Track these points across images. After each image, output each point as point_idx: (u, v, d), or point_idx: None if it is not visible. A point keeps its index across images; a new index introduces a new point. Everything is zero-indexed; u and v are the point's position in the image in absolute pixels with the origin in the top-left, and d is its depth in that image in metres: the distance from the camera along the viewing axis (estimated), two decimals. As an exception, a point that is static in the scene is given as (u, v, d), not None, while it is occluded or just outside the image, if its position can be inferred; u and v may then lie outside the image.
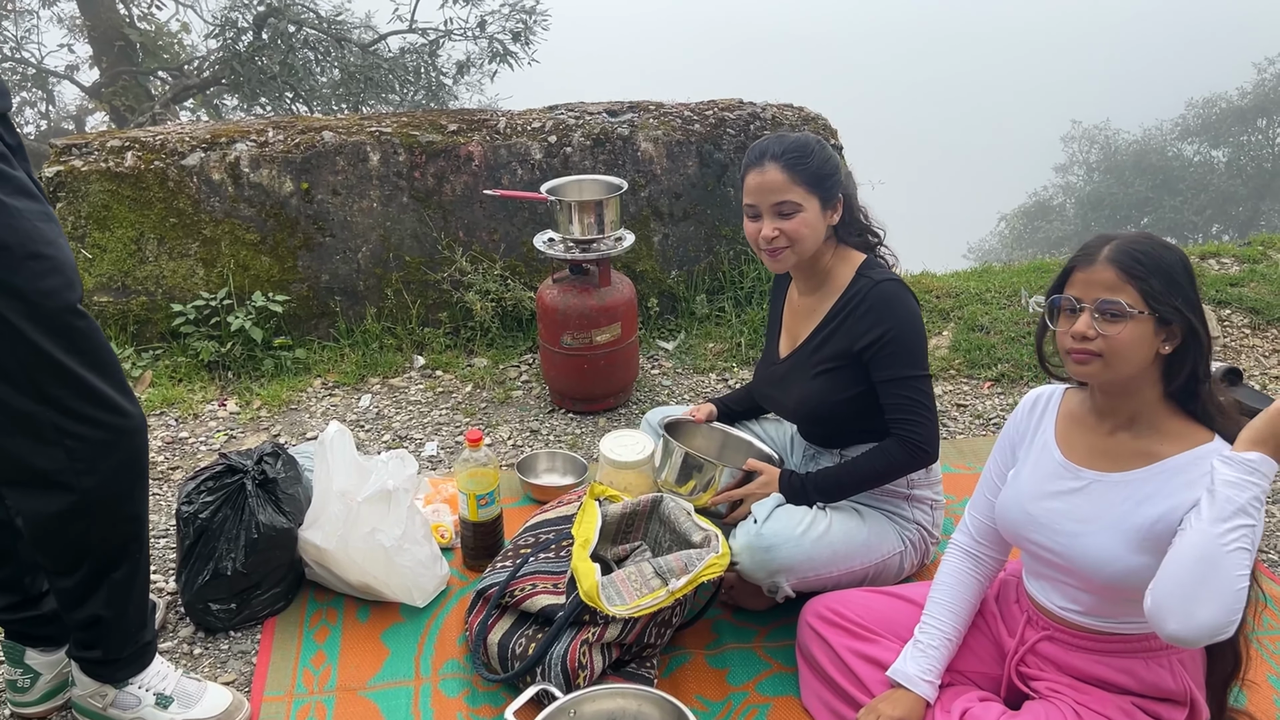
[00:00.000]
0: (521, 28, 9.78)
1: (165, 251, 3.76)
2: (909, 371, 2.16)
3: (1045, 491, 1.78)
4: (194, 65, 10.86)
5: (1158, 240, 1.64)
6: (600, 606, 2.03)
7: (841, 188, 2.23)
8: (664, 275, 4.10)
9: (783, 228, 2.18)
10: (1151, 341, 1.60)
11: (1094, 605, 1.74)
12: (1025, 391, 3.57)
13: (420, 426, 3.43)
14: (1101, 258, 1.61)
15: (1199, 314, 1.62)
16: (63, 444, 1.75)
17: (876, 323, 2.16)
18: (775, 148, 2.18)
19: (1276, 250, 4.82)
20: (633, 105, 4.22)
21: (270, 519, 2.40)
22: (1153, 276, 1.58)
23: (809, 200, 2.17)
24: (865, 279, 2.22)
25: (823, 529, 2.21)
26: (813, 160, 2.16)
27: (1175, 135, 23.82)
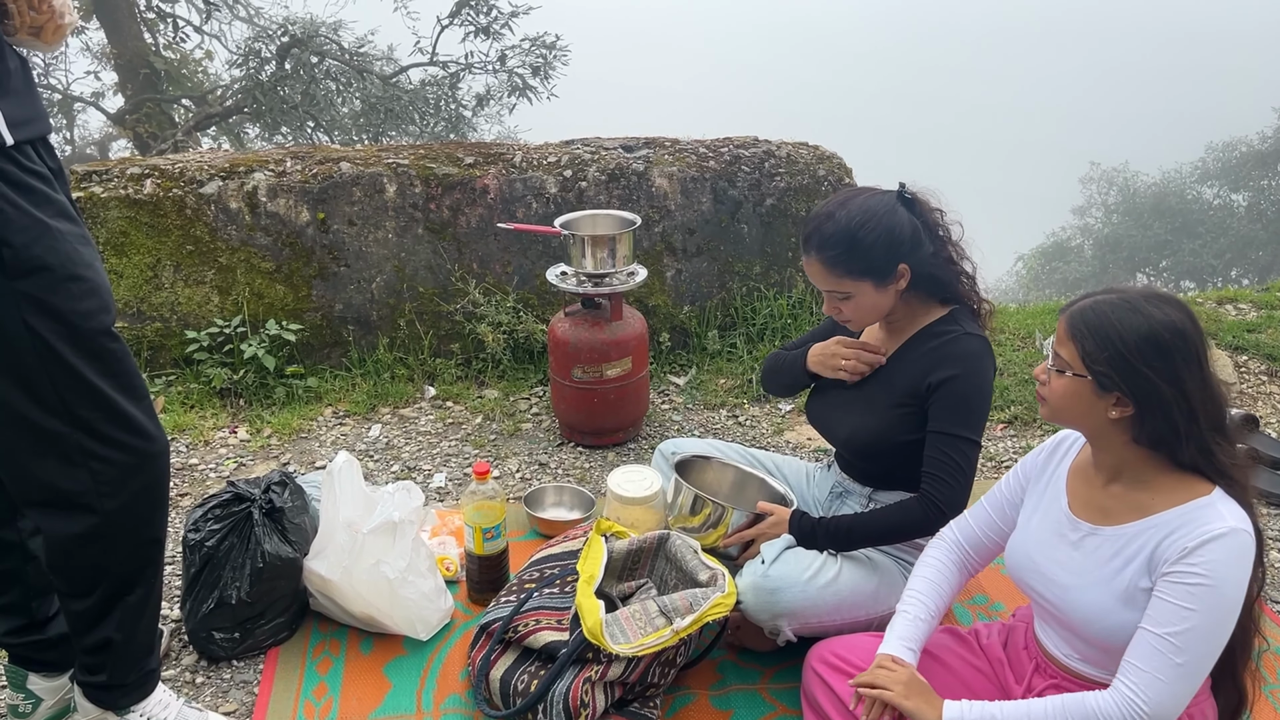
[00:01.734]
0: (541, 63, 9.89)
1: (181, 278, 3.78)
2: (960, 431, 2.08)
3: (1048, 540, 1.78)
4: (217, 94, 11.00)
5: (1134, 305, 1.61)
6: (604, 644, 2.01)
7: (902, 258, 2.10)
8: (676, 310, 4.10)
9: (840, 308, 2.17)
10: (1092, 400, 1.62)
11: (1097, 657, 1.72)
12: (1038, 435, 3.56)
13: (429, 457, 3.43)
14: (1069, 311, 1.66)
15: (1169, 382, 1.57)
16: (88, 466, 1.77)
17: (951, 364, 2.10)
18: (816, 238, 2.11)
19: (1294, 296, 4.79)
20: (648, 141, 4.24)
21: (276, 548, 2.40)
22: (1091, 340, 1.60)
23: (858, 286, 2.11)
24: (955, 325, 2.16)
25: (830, 576, 2.18)
26: (854, 251, 2.07)
27: (1195, 178, 23.78)
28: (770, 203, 4.15)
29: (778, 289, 4.19)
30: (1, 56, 1.61)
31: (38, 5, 1.70)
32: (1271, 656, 2.38)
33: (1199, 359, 1.60)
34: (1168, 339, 1.57)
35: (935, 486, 2.08)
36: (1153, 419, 1.60)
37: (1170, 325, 1.58)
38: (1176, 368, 1.57)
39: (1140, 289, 1.67)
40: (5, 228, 1.59)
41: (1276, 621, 2.56)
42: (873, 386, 2.26)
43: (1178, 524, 1.59)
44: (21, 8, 1.69)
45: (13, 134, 1.60)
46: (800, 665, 2.16)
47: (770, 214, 4.15)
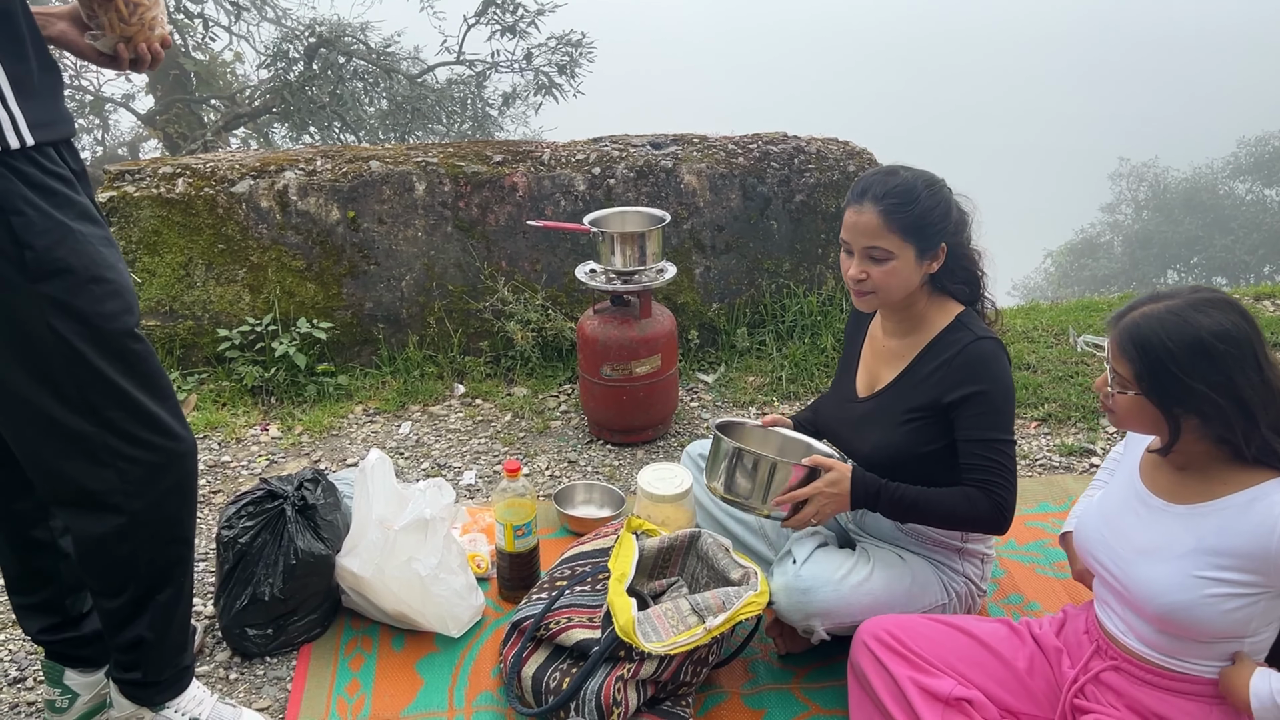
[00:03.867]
0: (567, 60, 9.90)
1: (213, 277, 3.81)
2: (996, 435, 2.04)
3: (1118, 513, 1.78)
4: (246, 94, 11.08)
5: (1182, 315, 1.59)
6: (636, 643, 2.00)
7: (947, 235, 2.08)
8: (705, 307, 4.09)
9: (870, 271, 2.07)
10: (1156, 414, 1.62)
11: (1155, 639, 1.70)
12: (1072, 432, 3.52)
13: (459, 455, 3.43)
14: (1118, 326, 1.66)
15: (1225, 393, 1.56)
16: (115, 466, 1.77)
17: (971, 379, 2.04)
18: (877, 188, 2.04)
19: (1333, 293, 4.72)
20: (676, 138, 4.23)
21: (309, 545, 2.41)
22: (1142, 360, 1.60)
23: (903, 249, 2.04)
24: (965, 331, 2.10)
25: (863, 575, 2.15)
26: (915, 208, 2.02)
27: (1227, 173, 23.50)
28: (800, 199, 4.13)
29: (807, 286, 4.17)
30: (25, 58, 1.61)
31: (127, 16, 1.73)
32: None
33: (1256, 360, 1.58)
34: (1218, 348, 1.56)
35: (997, 490, 2.02)
36: (1213, 425, 1.60)
37: (1220, 332, 1.56)
38: (1230, 374, 1.56)
39: (1188, 293, 1.64)
40: (27, 230, 1.60)
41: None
42: (888, 400, 2.20)
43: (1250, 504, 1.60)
44: (113, 19, 1.72)
45: (34, 135, 1.61)
46: (833, 665, 2.14)
47: (800, 210, 4.13)
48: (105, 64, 1.82)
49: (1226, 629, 1.62)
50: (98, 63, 1.83)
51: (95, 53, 1.79)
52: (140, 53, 1.79)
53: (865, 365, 2.31)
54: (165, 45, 1.84)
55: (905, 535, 2.26)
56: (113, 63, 1.80)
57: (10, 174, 1.58)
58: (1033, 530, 2.90)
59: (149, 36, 1.78)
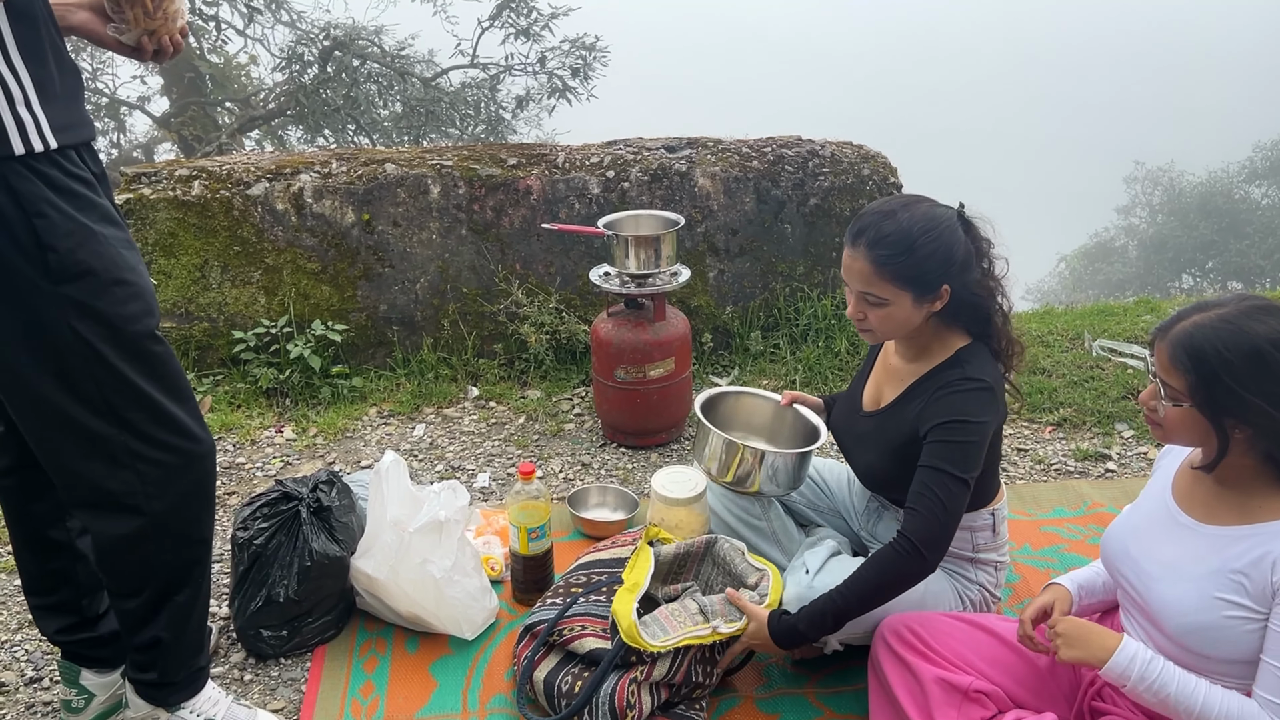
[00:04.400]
0: (581, 64, 9.92)
1: (228, 279, 3.82)
2: (949, 469, 1.94)
3: (1147, 529, 1.75)
4: (260, 97, 11.13)
5: (1237, 324, 1.55)
6: (641, 644, 2.00)
7: (949, 278, 1.98)
8: (719, 311, 4.09)
9: (867, 314, 2.03)
10: (1205, 427, 1.58)
11: (1177, 654, 1.68)
12: (1087, 436, 3.51)
13: (473, 457, 3.44)
14: (1168, 337, 1.60)
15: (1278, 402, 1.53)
16: (135, 467, 1.79)
17: (948, 412, 1.98)
18: (871, 233, 1.96)
19: (1350, 297, 4.69)
20: (691, 141, 4.23)
21: (324, 547, 2.41)
22: (1197, 372, 1.55)
23: (899, 296, 1.97)
24: (958, 369, 2.04)
25: None
26: (908, 258, 1.94)
27: (1242, 178, 23.38)
28: (814, 202, 4.12)
29: (821, 289, 4.16)
30: (45, 61, 1.63)
31: (152, 11, 1.75)
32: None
33: None
34: (1276, 355, 1.52)
35: (913, 521, 1.94)
36: (1266, 439, 1.56)
37: (1277, 339, 1.53)
38: None
39: (1237, 300, 1.60)
40: (50, 233, 1.61)
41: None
42: (884, 421, 2.17)
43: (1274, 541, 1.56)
44: (138, 14, 1.75)
45: (57, 139, 1.62)
46: (849, 670, 2.14)
47: (814, 214, 4.12)
48: (127, 54, 1.84)
49: (1246, 650, 1.59)
50: (119, 52, 1.85)
51: (117, 43, 1.81)
52: (163, 45, 1.81)
53: (875, 378, 2.29)
54: (184, 34, 1.87)
55: None
56: (135, 54, 1.83)
57: (33, 176, 1.60)
58: (1048, 535, 2.88)
59: (171, 29, 1.80)
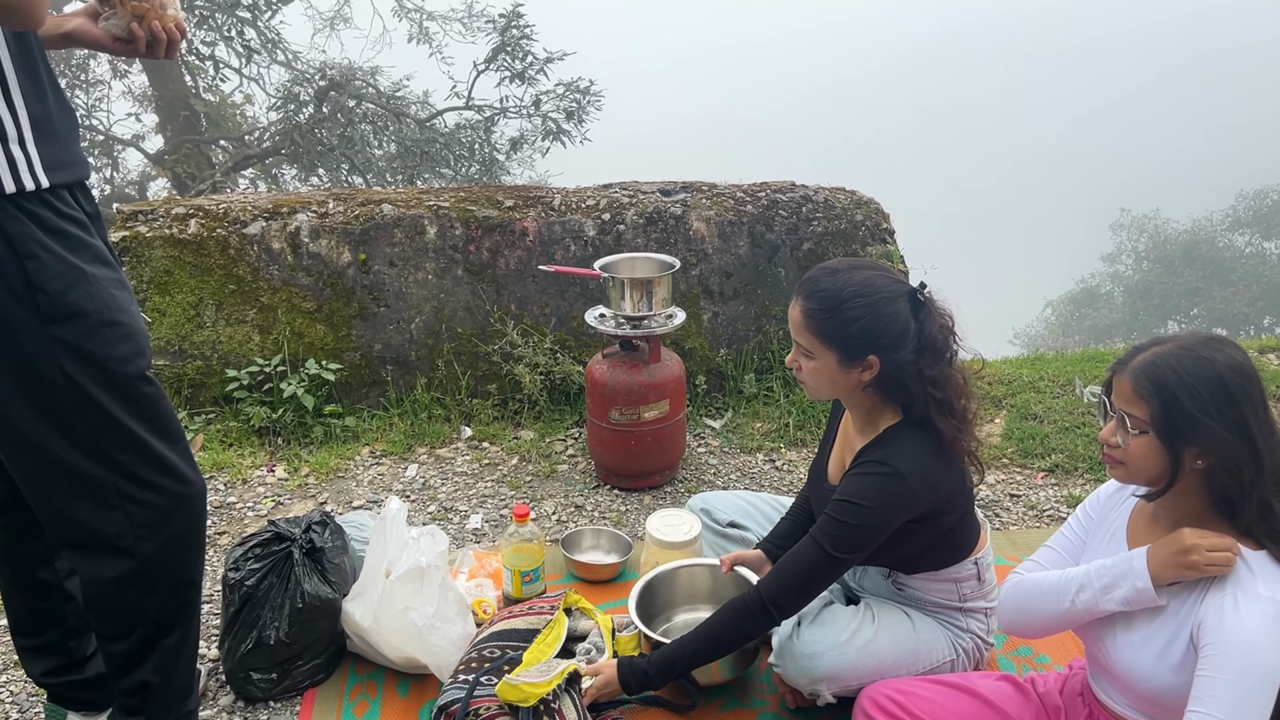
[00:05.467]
0: (575, 107, 10.01)
1: (223, 317, 3.82)
2: (824, 544, 1.97)
3: None
4: (255, 135, 11.18)
5: (1196, 352, 1.57)
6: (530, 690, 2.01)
7: (879, 350, 1.97)
8: (713, 353, 4.10)
9: (800, 363, 2.07)
10: (1162, 456, 1.58)
11: (1147, 708, 1.68)
12: (1080, 483, 3.51)
13: (465, 498, 3.42)
14: (1129, 368, 1.62)
15: (1239, 432, 1.54)
16: (125, 509, 1.77)
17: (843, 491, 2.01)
18: (810, 285, 2.02)
19: (1338, 345, 4.73)
20: (685, 185, 4.26)
21: (316, 589, 2.39)
22: (1160, 396, 1.56)
23: (824, 352, 2.00)
24: (879, 448, 2.03)
25: (869, 636, 2.12)
26: (835, 317, 1.96)
27: (1226, 226, 23.70)
28: (807, 247, 4.15)
29: (815, 333, 4.18)
30: (43, 98, 1.62)
31: None
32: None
33: (1264, 401, 1.57)
34: (1235, 381, 1.55)
35: (771, 581, 2.00)
36: (1224, 473, 1.57)
37: (1235, 366, 1.56)
38: (1243, 411, 1.55)
39: (1190, 335, 1.64)
40: (41, 274, 1.60)
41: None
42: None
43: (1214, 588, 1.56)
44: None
45: (49, 178, 1.61)
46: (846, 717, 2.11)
47: (807, 258, 4.15)
48: (121, 50, 1.80)
49: None
50: (114, 50, 1.81)
51: (111, 39, 1.77)
52: (155, 32, 1.76)
53: (837, 450, 2.26)
54: (180, 30, 1.82)
55: (905, 600, 2.23)
56: (129, 47, 1.78)
57: (24, 217, 1.58)
58: (1043, 582, 2.87)
59: (161, 15, 1.76)
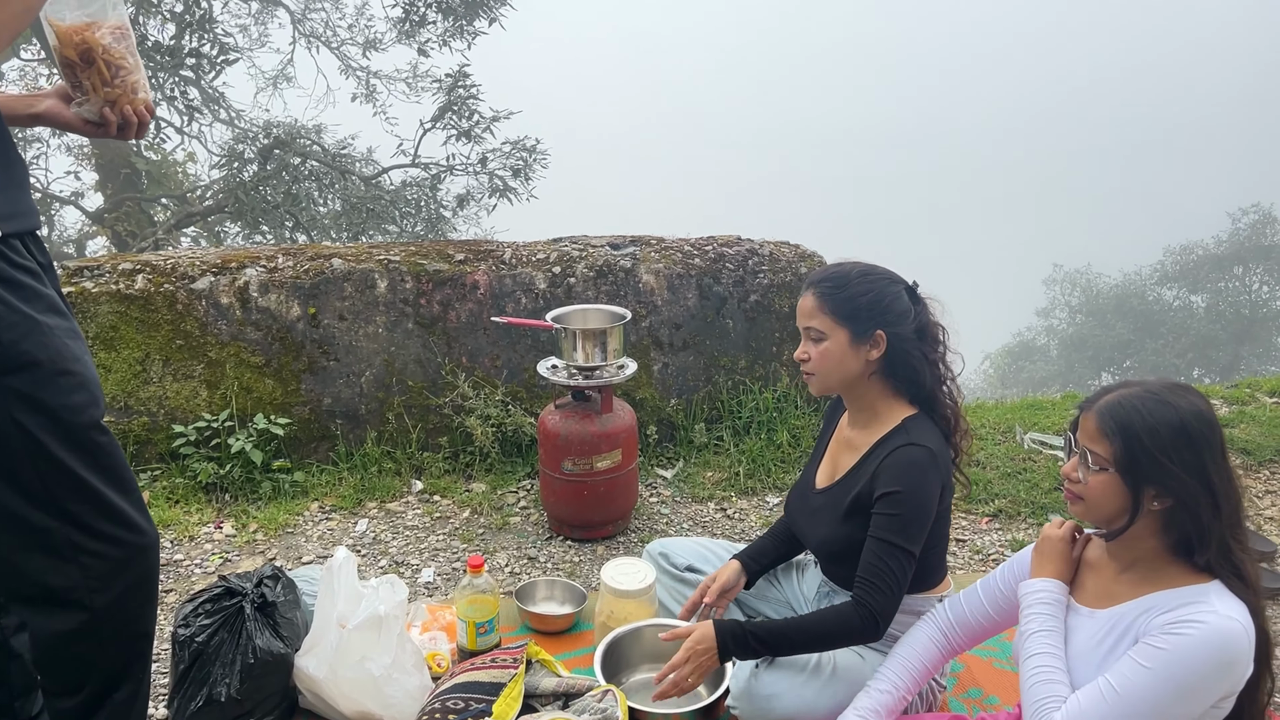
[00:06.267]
0: (522, 165, 10.11)
1: (170, 373, 3.78)
2: (895, 540, 2.05)
3: None
4: (197, 193, 11.11)
5: (1161, 396, 1.62)
6: None
7: (885, 325, 2.13)
8: (663, 404, 4.14)
9: (810, 352, 2.18)
10: (1123, 495, 1.63)
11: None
12: (1023, 528, 3.59)
13: (417, 552, 3.40)
14: (1095, 407, 1.67)
15: (1198, 476, 1.59)
16: (78, 561, 1.74)
17: (892, 481, 2.08)
18: (816, 274, 2.20)
19: (1264, 392, 4.90)
20: (635, 239, 4.33)
21: (268, 643, 2.36)
22: (1122, 437, 1.61)
23: (835, 330, 2.13)
24: (903, 434, 2.15)
25: (826, 676, 2.16)
26: (846, 291, 2.13)
27: (1155, 280, 24.47)
28: (754, 299, 4.23)
29: (763, 382, 4.25)
30: None
31: (109, 79, 1.75)
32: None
33: (1223, 449, 1.61)
34: (1196, 428, 1.58)
35: (870, 594, 2.05)
36: (1183, 515, 1.61)
37: (1196, 413, 1.60)
38: (1203, 457, 1.58)
39: (1157, 381, 1.68)
40: None
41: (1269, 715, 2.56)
42: (838, 493, 2.25)
43: (1167, 604, 1.61)
44: (95, 82, 1.75)
45: (2, 227, 1.61)
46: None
47: (754, 309, 4.23)
48: (93, 132, 1.84)
49: None
50: (85, 132, 1.85)
51: (83, 121, 1.81)
52: (126, 115, 1.80)
53: (830, 455, 2.36)
54: (150, 111, 1.86)
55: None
56: (100, 130, 1.82)
57: None
58: (991, 623, 2.92)
59: (133, 99, 1.80)
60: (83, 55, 1.72)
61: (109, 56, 1.75)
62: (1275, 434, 4.21)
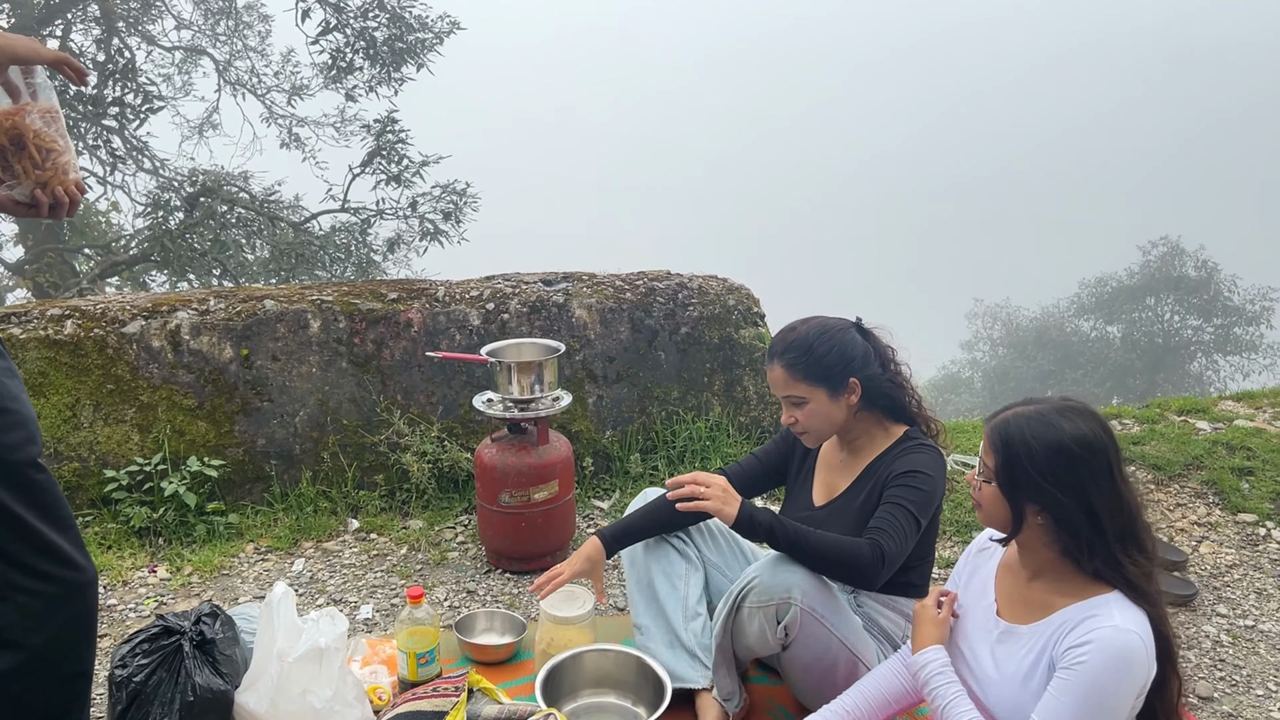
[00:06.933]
0: (452, 208, 10.17)
1: (100, 417, 3.75)
2: (907, 504, 2.22)
3: (976, 635, 1.90)
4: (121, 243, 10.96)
5: (1047, 418, 1.73)
6: None
7: (854, 372, 2.33)
8: (599, 435, 4.21)
9: (796, 416, 2.36)
10: (1006, 506, 1.76)
11: None
12: (949, 545, 3.72)
13: (355, 590, 3.41)
14: (991, 423, 1.80)
15: (1075, 495, 1.68)
16: (14, 600, 1.74)
17: (906, 465, 2.28)
18: (778, 346, 2.36)
19: (1172, 412, 5.12)
20: (567, 275, 4.41)
21: (207, 681, 2.35)
22: (1004, 453, 1.73)
23: (813, 393, 2.32)
24: (911, 441, 2.37)
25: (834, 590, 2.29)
26: (811, 355, 2.31)
27: (1072, 312, 25.23)
28: (685, 331, 4.34)
29: (695, 412, 4.34)
30: None
31: (40, 162, 1.77)
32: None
33: (1109, 470, 1.70)
34: (1075, 452, 1.68)
35: (883, 537, 2.17)
36: (1059, 528, 1.71)
37: (1080, 438, 1.69)
38: (1082, 479, 1.68)
39: (1057, 400, 1.79)
40: None
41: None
42: (844, 501, 2.41)
43: (1073, 620, 1.70)
44: (27, 166, 1.76)
45: None
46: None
47: (685, 341, 4.34)
48: (25, 213, 1.84)
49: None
50: (15, 212, 1.85)
51: (14, 203, 1.81)
52: (58, 196, 1.81)
53: (820, 479, 2.52)
54: (81, 190, 1.87)
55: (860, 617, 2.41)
56: (32, 210, 1.82)
57: None
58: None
59: (64, 180, 1.81)
60: (13, 140, 1.74)
61: (39, 141, 1.77)
62: (1183, 450, 4.40)
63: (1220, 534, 3.87)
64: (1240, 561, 3.70)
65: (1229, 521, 3.95)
